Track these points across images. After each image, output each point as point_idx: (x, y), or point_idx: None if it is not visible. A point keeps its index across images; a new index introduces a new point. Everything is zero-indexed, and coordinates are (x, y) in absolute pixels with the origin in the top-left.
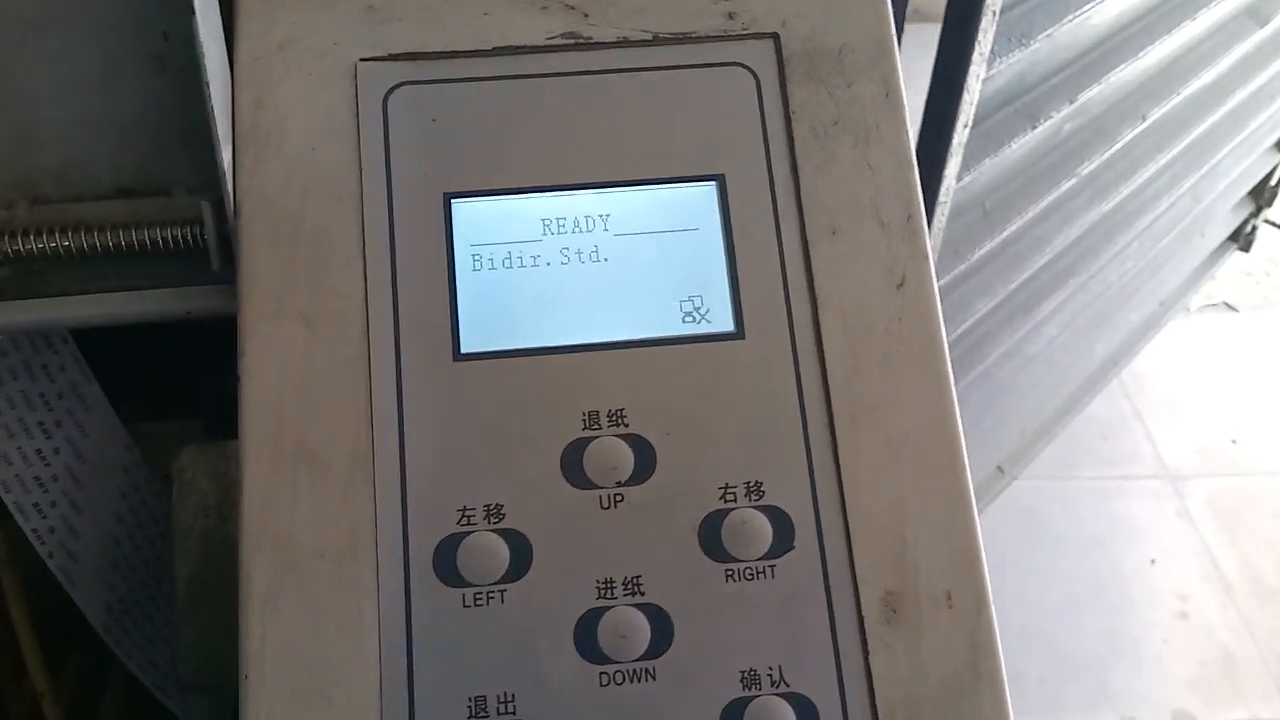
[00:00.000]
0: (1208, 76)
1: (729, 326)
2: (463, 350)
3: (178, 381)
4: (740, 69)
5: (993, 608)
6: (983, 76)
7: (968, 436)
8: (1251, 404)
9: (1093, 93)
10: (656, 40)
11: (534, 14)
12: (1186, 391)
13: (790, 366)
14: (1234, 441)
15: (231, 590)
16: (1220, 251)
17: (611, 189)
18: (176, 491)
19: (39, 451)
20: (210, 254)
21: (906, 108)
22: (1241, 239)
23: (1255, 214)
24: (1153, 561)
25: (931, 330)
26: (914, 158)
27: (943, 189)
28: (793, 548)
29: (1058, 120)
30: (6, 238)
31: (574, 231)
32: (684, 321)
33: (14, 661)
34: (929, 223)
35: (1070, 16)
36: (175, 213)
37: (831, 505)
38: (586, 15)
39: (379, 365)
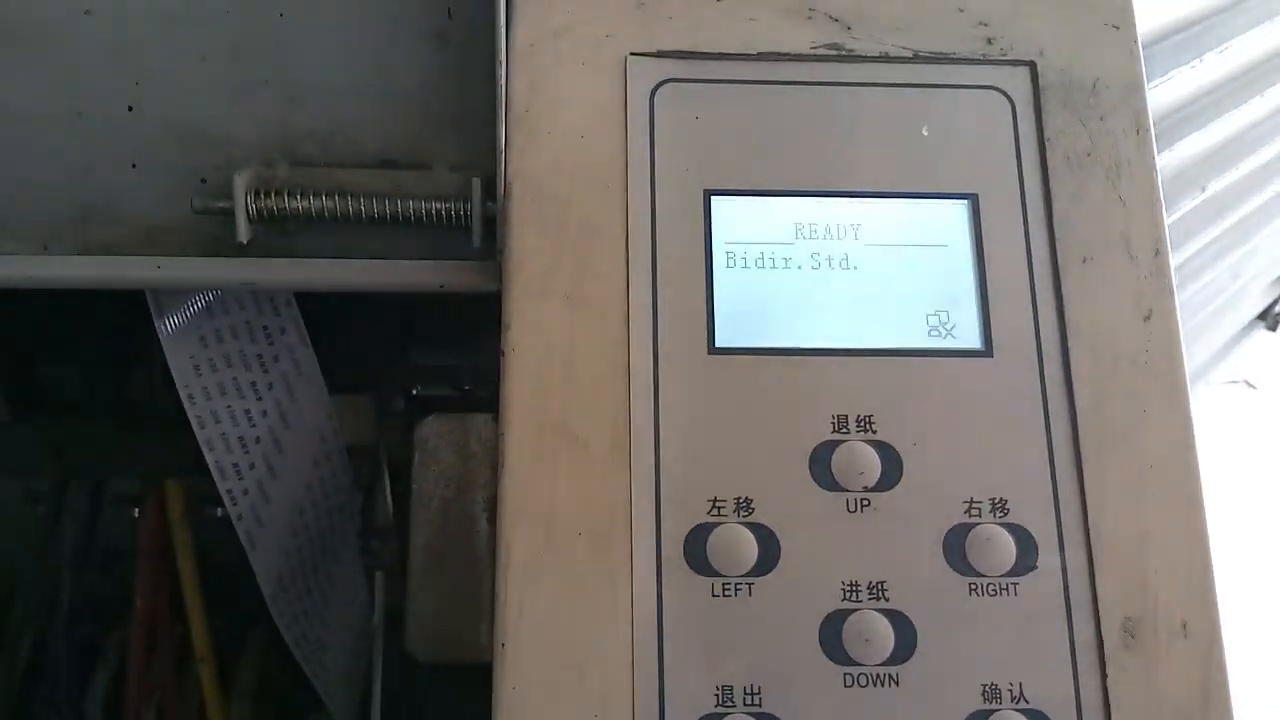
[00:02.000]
0: (1265, 154)
1: (977, 343)
2: (717, 344)
3: (345, 356)
4: (997, 93)
5: (1224, 640)
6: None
7: None
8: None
9: (1162, 161)
10: (916, 58)
11: (799, 23)
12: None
13: (1037, 389)
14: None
15: (468, 562)
16: (1248, 329)
17: (865, 199)
18: (418, 460)
19: (247, 412)
20: (472, 231)
21: (1155, 146)
22: (1270, 318)
23: None
24: None
25: (1176, 365)
26: (1161, 195)
27: None
28: (1035, 567)
29: None
30: (264, 195)
31: (826, 237)
32: (930, 335)
33: (174, 616)
34: None
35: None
36: (434, 187)
37: (1075, 529)
38: (850, 28)
39: (637, 352)
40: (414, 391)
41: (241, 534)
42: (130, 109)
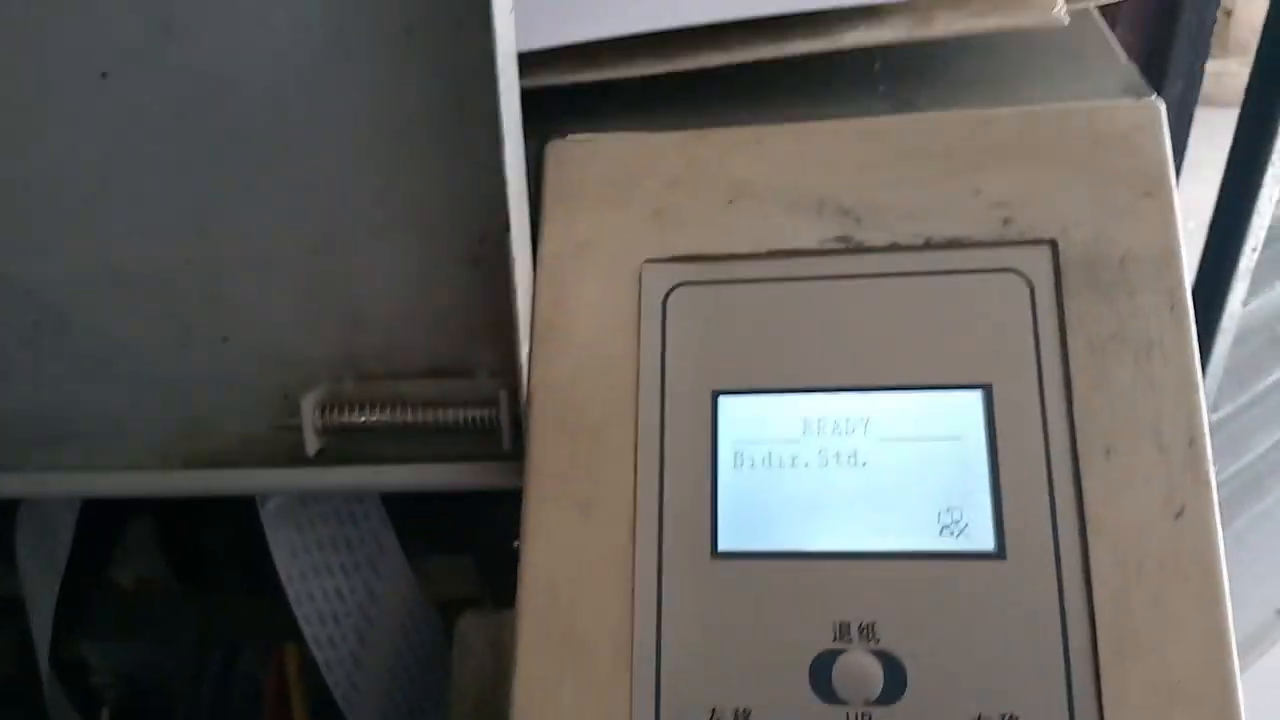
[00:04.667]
0: None
1: (989, 545)
2: (720, 548)
3: (448, 520)
4: (1014, 275)
5: None
6: (1276, 199)
7: (1244, 578)
8: None
9: None
10: (929, 245)
11: (809, 218)
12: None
13: (1054, 594)
14: None
15: None
16: None
17: (874, 392)
18: (456, 654)
19: (337, 590)
20: (502, 434)
21: (1193, 321)
22: None
23: None
24: None
25: (1211, 567)
26: (1199, 377)
27: (1226, 314)
28: None
29: None
30: (333, 410)
31: (834, 433)
32: (941, 534)
33: None
34: (1209, 350)
35: None
36: (477, 393)
37: None
38: (859, 220)
39: (642, 557)
40: (514, 545)
41: (339, 699)
42: (225, 339)
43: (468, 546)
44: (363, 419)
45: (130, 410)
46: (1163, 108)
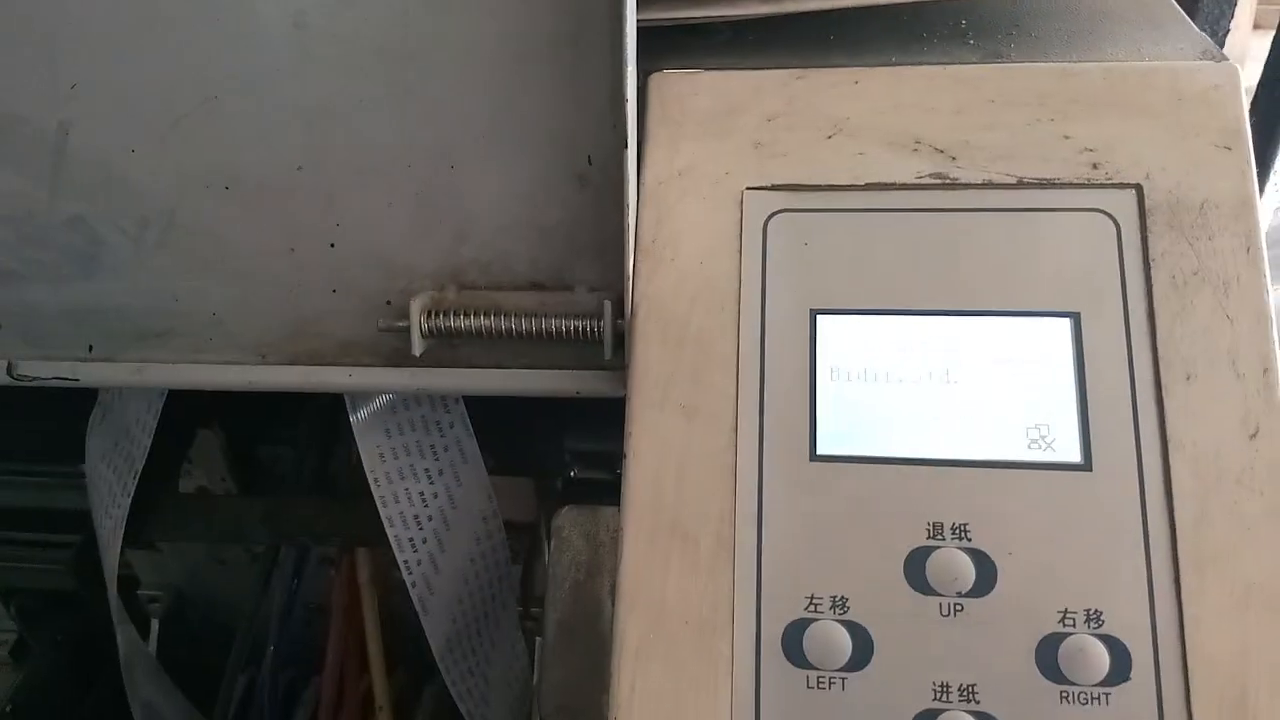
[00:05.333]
0: None
1: (1076, 458)
2: (819, 452)
3: (514, 444)
4: (1102, 215)
5: None
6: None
7: None
8: None
9: None
10: (1021, 184)
11: (905, 155)
12: None
13: (1136, 504)
14: None
15: (594, 639)
16: None
17: (967, 316)
18: (554, 545)
19: (421, 494)
20: (604, 345)
21: (1266, 263)
22: None
23: None
24: None
25: None
26: (1272, 313)
27: None
28: (1129, 679)
29: None
30: (435, 315)
31: (928, 353)
32: (1029, 448)
33: (361, 667)
34: None
35: None
36: (575, 307)
37: (1171, 644)
38: (954, 159)
39: (744, 458)
40: (571, 474)
41: (415, 600)
42: (332, 245)
43: (530, 469)
44: (467, 324)
45: (233, 309)
46: (1239, 70)
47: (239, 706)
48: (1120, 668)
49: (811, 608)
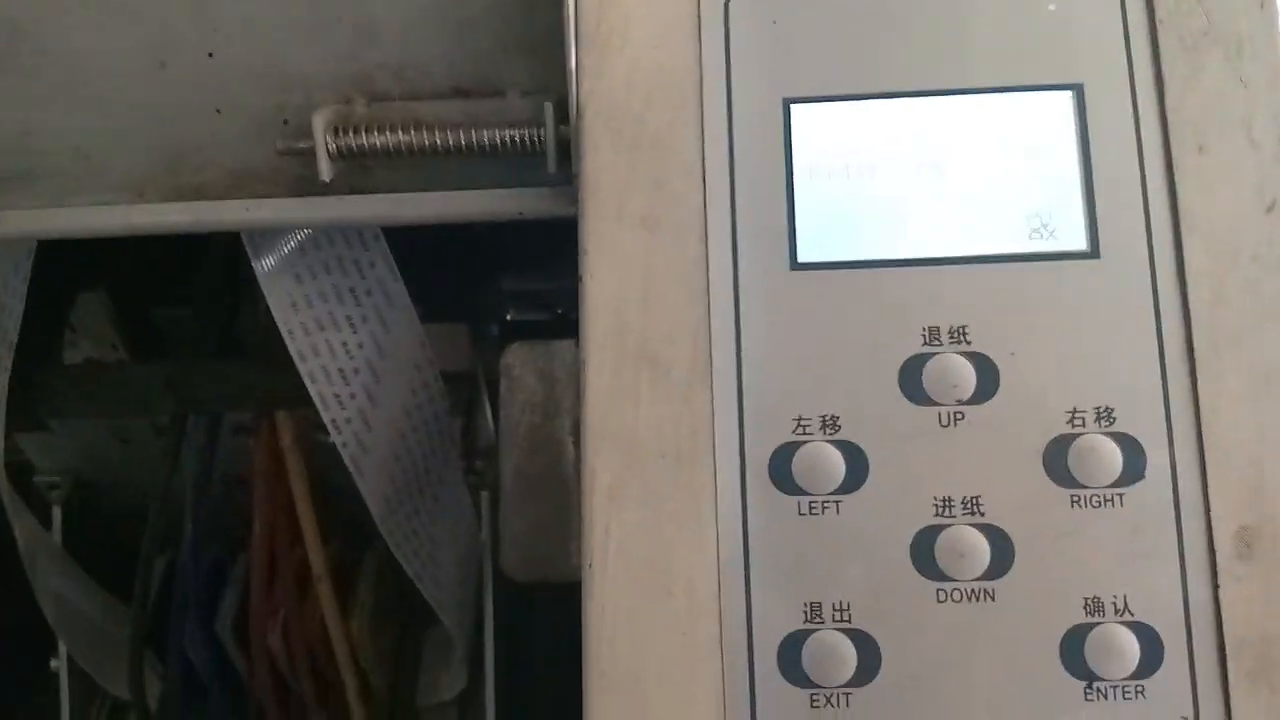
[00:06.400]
0: None
1: (1081, 245)
2: (800, 260)
3: (443, 286)
4: None
5: None
6: None
7: None
8: None
9: None
10: None
11: None
12: None
13: (1148, 289)
14: None
15: (557, 485)
16: None
17: (958, 95)
18: (504, 387)
19: (344, 345)
20: (548, 155)
21: None
22: None
23: None
24: None
25: None
26: None
27: None
28: (1143, 477)
29: None
30: (343, 132)
31: (914, 140)
32: (1030, 238)
33: (292, 538)
34: None
35: None
36: (509, 114)
37: (1187, 435)
38: None
39: (717, 271)
40: (507, 317)
41: (347, 460)
42: (210, 55)
43: (463, 314)
44: (381, 140)
45: (101, 140)
46: None
47: (161, 591)
48: (1134, 466)
49: (800, 429)
